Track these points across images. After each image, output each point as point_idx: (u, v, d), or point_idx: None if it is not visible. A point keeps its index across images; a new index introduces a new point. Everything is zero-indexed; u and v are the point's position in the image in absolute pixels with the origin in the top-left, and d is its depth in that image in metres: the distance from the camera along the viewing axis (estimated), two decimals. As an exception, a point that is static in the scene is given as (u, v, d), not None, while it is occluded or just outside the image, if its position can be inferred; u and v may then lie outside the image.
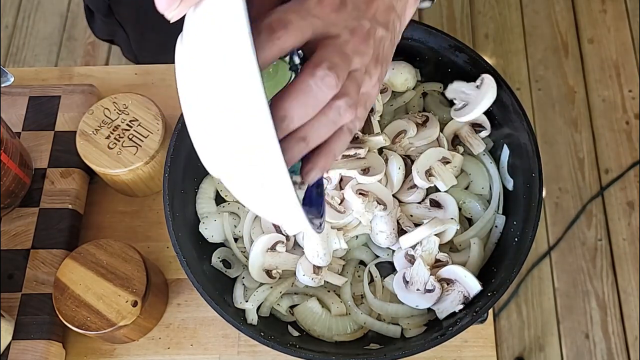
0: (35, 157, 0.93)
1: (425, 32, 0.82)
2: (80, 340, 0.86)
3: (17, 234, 0.88)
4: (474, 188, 0.82)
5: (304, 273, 0.76)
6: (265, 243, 0.77)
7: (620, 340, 1.78)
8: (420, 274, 0.74)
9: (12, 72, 0.85)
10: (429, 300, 0.75)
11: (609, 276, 1.86)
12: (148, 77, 1.03)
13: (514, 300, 1.84)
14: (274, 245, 0.78)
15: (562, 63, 2.14)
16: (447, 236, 0.78)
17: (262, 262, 0.77)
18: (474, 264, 0.77)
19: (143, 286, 0.79)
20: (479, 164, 0.83)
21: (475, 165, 0.83)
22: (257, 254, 0.77)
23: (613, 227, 1.91)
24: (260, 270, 0.77)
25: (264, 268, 0.77)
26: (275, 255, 0.78)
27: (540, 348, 1.79)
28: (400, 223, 0.78)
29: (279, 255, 0.78)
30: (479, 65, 0.81)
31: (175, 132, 0.78)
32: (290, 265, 0.78)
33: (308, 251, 0.76)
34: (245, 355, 0.85)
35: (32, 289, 0.84)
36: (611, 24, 2.20)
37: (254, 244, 0.77)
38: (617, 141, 2.03)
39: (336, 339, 0.77)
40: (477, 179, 0.82)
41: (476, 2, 2.27)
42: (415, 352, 0.69)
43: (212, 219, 0.81)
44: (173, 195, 0.76)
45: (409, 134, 0.81)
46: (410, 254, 0.77)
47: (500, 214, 0.80)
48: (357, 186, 0.77)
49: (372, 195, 0.77)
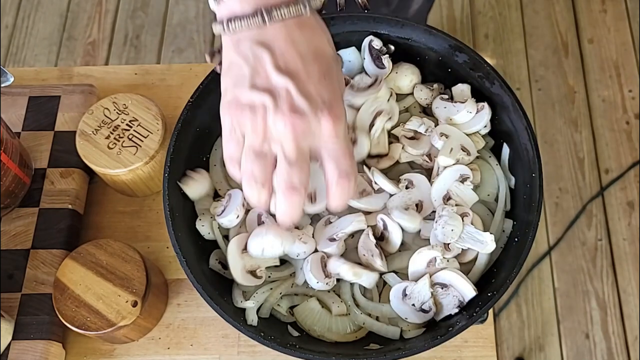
0: (35, 157, 0.93)
1: (425, 32, 0.82)
2: (80, 341, 0.86)
3: (17, 234, 0.88)
4: (481, 194, 0.80)
5: (317, 281, 0.75)
6: (237, 244, 0.76)
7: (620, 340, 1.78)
8: (421, 293, 0.74)
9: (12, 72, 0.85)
10: (420, 318, 0.75)
11: (609, 276, 1.86)
12: (148, 77, 1.03)
13: (514, 300, 1.84)
14: (246, 245, 0.77)
15: (562, 63, 2.14)
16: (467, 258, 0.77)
17: (242, 264, 0.76)
18: (477, 273, 0.76)
19: (143, 286, 0.79)
20: (490, 170, 0.81)
21: (486, 172, 0.81)
22: (234, 257, 0.75)
23: (613, 227, 1.91)
24: (244, 273, 0.75)
25: (246, 270, 0.76)
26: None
27: (540, 348, 1.79)
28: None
29: None
30: (479, 65, 0.81)
31: (175, 132, 0.78)
32: (271, 261, 0.77)
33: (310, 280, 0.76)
34: (245, 355, 0.85)
35: (32, 289, 0.84)
36: (611, 24, 2.20)
37: (228, 248, 0.76)
38: (617, 141, 2.03)
39: (336, 339, 0.77)
40: (485, 185, 0.81)
41: (476, 2, 2.27)
42: (415, 352, 0.69)
43: (209, 215, 0.80)
44: (173, 195, 0.76)
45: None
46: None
47: (507, 219, 0.79)
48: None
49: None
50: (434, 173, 0.80)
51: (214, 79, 0.82)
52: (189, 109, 0.79)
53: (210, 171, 0.84)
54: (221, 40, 0.64)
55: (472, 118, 0.81)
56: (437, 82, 0.87)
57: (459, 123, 0.81)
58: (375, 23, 0.84)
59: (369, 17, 0.84)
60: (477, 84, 0.82)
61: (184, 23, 2.20)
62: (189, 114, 0.79)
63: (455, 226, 0.74)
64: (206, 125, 0.83)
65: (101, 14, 2.22)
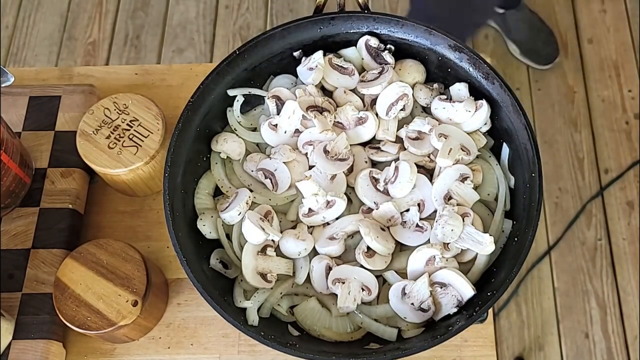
0: (35, 157, 0.93)
1: (425, 32, 0.82)
2: (80, 340, 0.86)
3: (17, 234, 0.88)
4: (481, 194, 0.80)
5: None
6: (255, 246, 0.77)
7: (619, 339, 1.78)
8: (420, 292, 0.74)
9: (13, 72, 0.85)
10: (419, 318, 0.75)
11: (608, 276, 1.86)
12: (148, 77, 1.03)
13: (514, 300, 1.84)
14: (264, 249, 0.78)
15: (561, 63, 2.14)
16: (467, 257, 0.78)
17: (255, 265, 0.77)
18: (477, 272, 0.77)
19: (143, 286, 0.80)
20: (490, 170, 0.81)
21: (486, 171, 0.81)
22: (248, 257, 0.77)
23: (613, 227, 1.91)
24: (255, 274, 0.76)
25: (257, 271, 0.77)
26: (267, 258, 0.77)
27: (540, 347, 1.79)
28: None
29: (271, 259, 0.78)
30: (479, 65, 0.81)
31: (176, 132, 0.78)
32: (284, 269, 0.78)
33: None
34: (245, 354, 0.85)
35: (33, 288, 0.85)
36: (611, 24, 2.19)
37: (244, 247, 0.77)
38: (616, 141, 2.02)
39: (336, 338, 0.77)
40: (486, 184, 0.81)
41: (476, 2, 2.27)
42: (415, 352, 0.69)
43: (210, 215, 0.81)
44: (173, 194, 0.76)
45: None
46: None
47: (506, 219, 0.79)
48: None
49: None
50: (435, 173, 0.80)
51: (214, 79, 0.82)
52: (189, 109, 0.80)
53: (212, 169, 0.84)
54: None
55: (471, 116, 0.81)
56: (437, 82, 0.87)
57: (459, 123, 0.82)
58: (375, 23, 0.84)
59: (369, 17, 0.84)
60: (477, 84, 0.82)
61: (184, 23, 2.20)
62: (189, 114, 0.80)
63: (455, 226, 0.74)
64: (206, 125, 0.83)
65: (101, 14, 2.22)
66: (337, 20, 0.84)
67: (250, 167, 0.84)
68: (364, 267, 0.76)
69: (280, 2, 2.23)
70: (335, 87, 0.85)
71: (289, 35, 0.84)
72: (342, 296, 0.75)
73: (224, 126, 0.87)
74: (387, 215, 0.78)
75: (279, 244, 0.79)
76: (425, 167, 0.82)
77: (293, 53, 0.86)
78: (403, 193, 0.78)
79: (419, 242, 0.77)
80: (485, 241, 0.74)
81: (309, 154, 0.82)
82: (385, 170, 0.80)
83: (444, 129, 0.80)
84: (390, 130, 0.82)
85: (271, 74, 0.88)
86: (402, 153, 0.81)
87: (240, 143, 0.84)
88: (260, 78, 0.87)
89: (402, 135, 0.82)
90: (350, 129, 0.83)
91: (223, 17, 2.22)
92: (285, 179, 0.81)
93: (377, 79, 0.83)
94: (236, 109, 0.86)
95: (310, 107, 0.82)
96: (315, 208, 0.78)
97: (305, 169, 0.82)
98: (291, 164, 0.82)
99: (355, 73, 0.85)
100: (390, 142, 0.82)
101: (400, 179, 0.77)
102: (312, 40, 0.85)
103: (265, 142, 0.85)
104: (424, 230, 0.77)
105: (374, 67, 0.85)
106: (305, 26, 0.84)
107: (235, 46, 2.06)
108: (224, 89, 0.84)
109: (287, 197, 0.82)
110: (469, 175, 0.78)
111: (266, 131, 0.84)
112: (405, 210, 0.79)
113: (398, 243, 0.79)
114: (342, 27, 0.85)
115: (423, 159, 0.81)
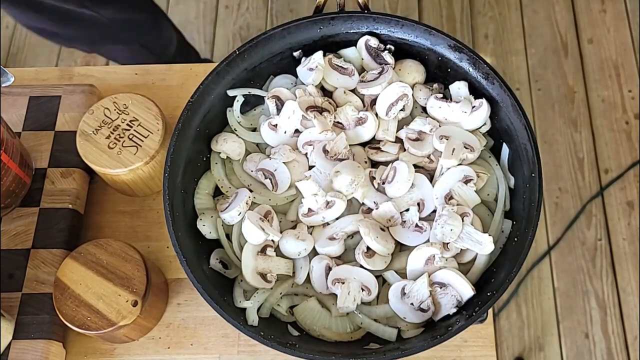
0: (35, 157, 0.93)
1: (425, 32, 0.82)
2: (80, 340, 0.86)
3: (17, 234, 0.88)
4: (481, 194, 0.80)
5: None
6: (255, 246, 0.77)
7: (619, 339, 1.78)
8: (420, 292, 0.74)
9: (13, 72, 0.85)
10: (418, 318, 0.75)
11: (608, 276, 1.86)
12: (148, 77, 1.03)
13: (514, 300, 1.84)
14: (264, 249, 0.78)
15: (561, 63, 2.14)
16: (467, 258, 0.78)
17: (255, 265, 0.77)
18: (476, 273, 0.77)
19: (143, 286, 0.80)
20: (490, 170, 0.81)
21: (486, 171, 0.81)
22: (248, 257, 0.77)
23: (613, 227, 1.91)
24: (255, 274, 0.77)
25: (257, 271, 0.77)
26: (267, 258, 0.78)
27: (540, 348, 1.79)
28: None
29: (271, 259, 0.78)
30: (479, 65, 0.81)
31: (175, 132, 0.78)
32: (283, 269, 0.78)
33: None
34: (245, 355, 0.85)
35: (33, 288, 0.85)
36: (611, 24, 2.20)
37: (244, 247, 0.77)
38: (616, 141, 2.02)
39: (336, 338, 0.77)
40: (486, 184, 0.81)
41: (476, 2, 2.27)
42: (415, 352, 0.69)
43: (209, 215, 0.81)
44: (173, 195, 0.76)
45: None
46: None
47: (506, 219, 0.79)
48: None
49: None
50: (436, 174, 0.80)
51: (214, 79, 0.82)
52: (189, 109, 0.80)
53: (212, 169, 0.84)
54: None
55: (468, 116, 0.81)
56: (437, 82, 0.87)
57: (455, 122, 0.82)
58: (375, 23, 0.84)
59: (369, 17, 0.84)
60: (477, 84, 0.82)
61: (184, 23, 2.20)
62: (189, 114, 0.80)
63: (454, 226, 0.74)
64: (206, 125, 0.83)
65: (101, 14, 2.22)
66: (337, 21, 0.84)
67: (250, 167, 0.84)
68: (364, 267, 0.76)
69: (280, 2, 2.23)
70: (335, 88, 0.85)
71: (289, 35, 0.84)
72: (342, 296, 0.75)
73: (224, 126, 0.87)
74: (386, 215, 0.78)
75: (279, 244, 0.79)
76: (425, 168, 0.82)
77: (293, 53, 0.86)
78: (400, 193, 0.78)
79: (419, 242, 0.77)
80: (484, 241, 0.74)
81: (309, 154, 0.82)
82: (381, 170, 0.80)
83: (445, 131, 0.80)
84: (390, 131, 0.82)
85: (271, 74, 0.88)
86: (402, 154, 0.81)
87: (240, 143, 0.84)
88: (260, 78, 0.88)
89: (402, 136, 0.82)
90: (350, 129, 0.83)
91: (223, 17, 2.22)
92: (285, 179, 0.81)
93: (377, 79, 0.83)
94: (236, 109, 0.86)
95: (310, 107, 0.82)
96: (315, 208, 0.78)
97: (305, 169, 0.82)
98: (291, 164, 0.82)
99: (355, 73, 0.85)
100: (390, 142, 0.82)
101: (397, 178, 0.77)
102: (312, 41, 0.86)
103: (265, 142, 0.85)
104: (423, 230, 0.77)
105: (373, 67, 0.85)
106: (305, 26, 0.84)
107: (235, 46, 2.06)
108: (224, 89, 0.84)
109: (287, 197, 0.82)
110: (472, 178, 0.78)
111: (266, 131, 0.84)
112: (405, 210, 0.79)
113: (398, 243, 0.79)
114: (342, 27, 0.85)
115: (423, 159, 0.81)
